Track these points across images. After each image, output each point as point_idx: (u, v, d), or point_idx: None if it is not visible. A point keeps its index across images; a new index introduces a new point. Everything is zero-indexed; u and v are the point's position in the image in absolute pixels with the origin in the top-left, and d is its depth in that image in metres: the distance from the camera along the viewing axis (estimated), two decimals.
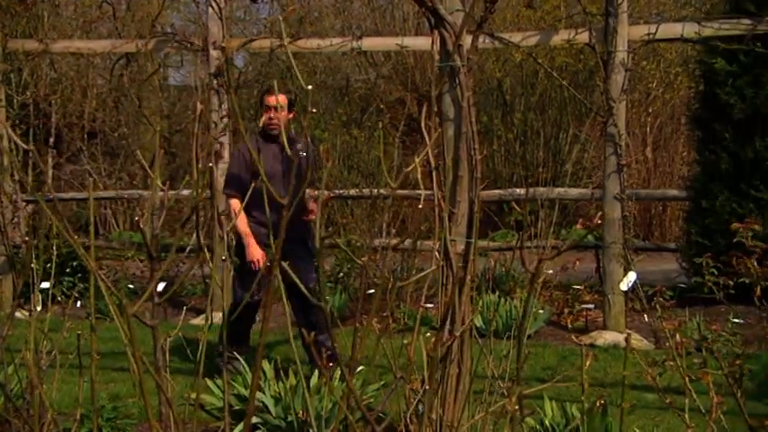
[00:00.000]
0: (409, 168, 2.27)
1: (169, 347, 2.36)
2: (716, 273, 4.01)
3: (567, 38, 7.25)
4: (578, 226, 13.01)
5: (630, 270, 6.94)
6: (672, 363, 3.37)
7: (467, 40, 4.12)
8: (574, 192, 11.57)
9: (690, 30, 6.89)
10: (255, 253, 5.84)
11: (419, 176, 2.54)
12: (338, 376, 4.57)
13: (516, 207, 8.98)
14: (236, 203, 5.96)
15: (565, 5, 12.69)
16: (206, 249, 3.15)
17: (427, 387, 2.32)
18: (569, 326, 7.85)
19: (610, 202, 7.24)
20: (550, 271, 9.14)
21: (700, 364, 3.66)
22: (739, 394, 3.33)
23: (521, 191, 10.61)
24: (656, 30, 6.97)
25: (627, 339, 2.40)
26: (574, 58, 13.00)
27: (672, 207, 13.51)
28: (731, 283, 3.86)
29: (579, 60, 13.01)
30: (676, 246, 9.96)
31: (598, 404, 3.56)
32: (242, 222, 5.90)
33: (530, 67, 13.36)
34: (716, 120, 8.56)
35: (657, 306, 3.85)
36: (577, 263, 9.08)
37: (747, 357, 3.34)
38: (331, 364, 5.63)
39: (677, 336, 2.72)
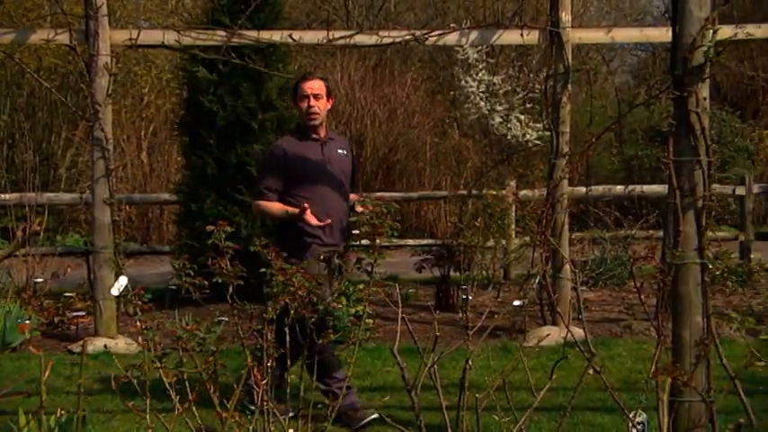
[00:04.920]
0: None
1: None
2: (192, 273, 4.13)
3: (46, 37, 6.98)
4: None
5: (122, 275, 6.92)
6: (157, 364, 3.44)
7: None
8: (66, 197, 11.28)
9: (170, 37, 7.05)
10: (306, 214, 4.84)
11: None
12: None
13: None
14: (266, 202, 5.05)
15: (49, 4, 12.24)
16: None
17: None
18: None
19: (99, 207, 7.15)
20: (40, 279, 8.77)
21: (177, 363, 3.78)
22: (213, 389, 3.50)
23: (7, 196, 10.08)
24: (138, 35, 7.03)
25: (83, 346, 2.38)
26: (63, 59, 12.63)
27: (168, 211, 13.78)
28: (206, 283, 4.03)
29: (69, 62, 12.66)
30: (170, 248, 10.18)
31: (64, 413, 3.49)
32: (276, 206, 4.99)
33: (15, 67, 12.66)
34: (201, 126, 8.91)
35: (136, 309, 3.87)
36: (69, 269, 8.88)
37: (222, 353, 3.52)
38: None
39: (140, 338, 2.76)
